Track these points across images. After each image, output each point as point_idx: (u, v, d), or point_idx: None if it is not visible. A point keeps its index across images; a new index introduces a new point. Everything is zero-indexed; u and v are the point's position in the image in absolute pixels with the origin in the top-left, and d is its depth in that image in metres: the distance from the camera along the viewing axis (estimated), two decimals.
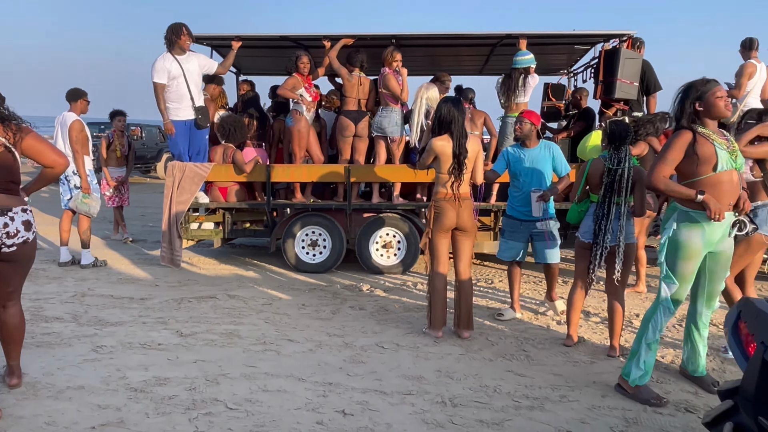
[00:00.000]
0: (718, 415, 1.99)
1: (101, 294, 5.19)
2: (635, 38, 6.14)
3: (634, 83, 6.01)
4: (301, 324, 4.50)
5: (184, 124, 6.18)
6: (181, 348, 3.94)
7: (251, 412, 3.06)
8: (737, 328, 1.86)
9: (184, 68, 6.04)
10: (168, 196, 6.16)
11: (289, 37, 6.67)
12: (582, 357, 3.92)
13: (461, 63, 8.48)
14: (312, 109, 6.26)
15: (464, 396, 3.29)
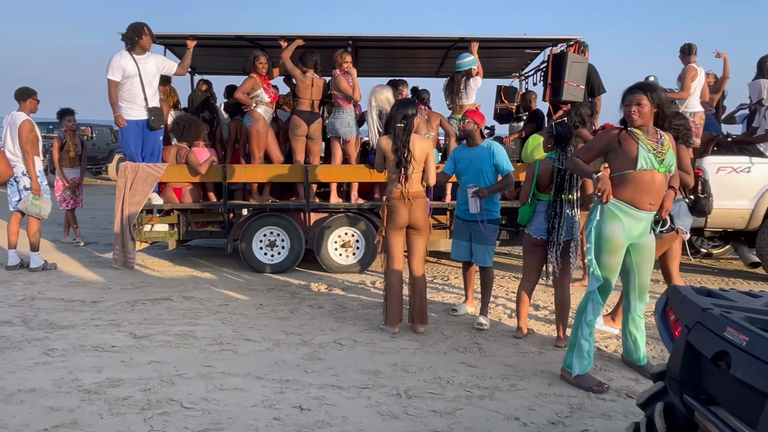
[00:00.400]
0: (649, 396, 2.14)
1: (51, 297, 5.07)
2: (581, 42, 6.39)
3: (581, 86, 6.26)
4: (259, 323, 4.51)
5: (136, 124, 6.09)
6: (135, 350, 3.90)
7: (207, 411, 3.07)
8: (665, 314, 2.01)
9: (140, 68, 5.96)
10: (120, 198, 6.06)
11: (246, 36, 6.65)
12: (531, 348, 4.08)
13: (417, 65, 8.63)
14: (271, 109, 6.27)
15: (419, 388, 3.39)
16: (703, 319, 1.73)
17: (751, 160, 6.21)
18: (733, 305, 1.78)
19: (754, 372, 1.47)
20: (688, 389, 1.77)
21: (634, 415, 3.08)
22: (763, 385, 1.43)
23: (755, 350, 1.49)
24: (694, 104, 6.26)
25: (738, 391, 1.57)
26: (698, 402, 1.72)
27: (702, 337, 1.70)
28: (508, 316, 4.78)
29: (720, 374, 1.66)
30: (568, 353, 3.48)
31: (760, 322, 1.64)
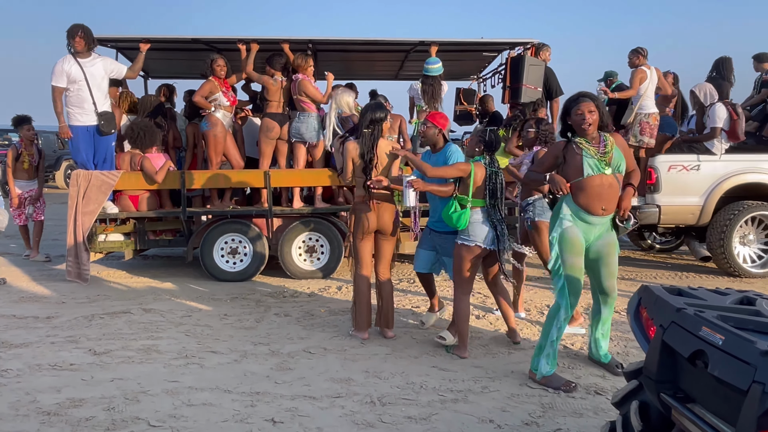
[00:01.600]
0: (625, 395, 2.18)
1: (1, 315, 4.82)
2: (538, 45, 6.52)
3: (538, 88, 6.39)
4: (224, 335, 4.41)
5: (86, 130, 5.87)
6: (95, 367, 3.75)
7: (176, 428, 2.98)
8: (638, 313, 2.06)
9: (86, 72, 5.75)
10: (72, 207, 5.82)
11: (202, 39, 6.51)
12: (500, 349, 4.12)
13: (377, 68, 8.64)
14: (230, 113, 6.16)
15: (392, 394, 3.37)
16: (677, 319, 1.78)
17: (699, 158, 6.47)
18: (705, 304, 1.84)
19: (731, 370, 1.51)
20: (665, 388, 1.82)
21: (604, 412, 3.16)
22: (741, 382, 1.47)
23: (731, 348, 1.54)
24: (649, 105, 6.46)
25: (715, 389, 1.62)
26: (675, 400, 1.76)
27: (678, 337, 1.75)
28: (476, 318, 4.82)
29: (697, 373, 1.70)
30: (536, 356, 3.52)
31: (732, 320, 1.69)
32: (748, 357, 1.48)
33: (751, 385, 1.44)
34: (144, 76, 7.85)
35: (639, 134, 6.47)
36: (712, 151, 6.48)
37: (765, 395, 1.40)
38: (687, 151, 6.63)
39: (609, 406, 3.23)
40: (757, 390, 1.42)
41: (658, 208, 6.44)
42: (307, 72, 6.05)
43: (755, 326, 1.69)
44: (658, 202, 6.45)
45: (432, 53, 6.39)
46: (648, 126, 6.48)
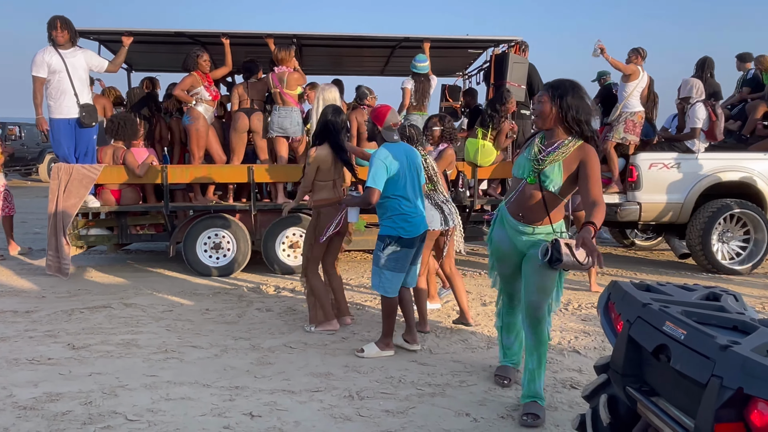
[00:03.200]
0: (594, 388, 2.22)
1: None
2: (521, 43, 6.55)
3: (522, 86, 6.42)
4: (205, 329, 4.40)
5: (67, 123, 5.81)
6: (73, 361, 3.73)
7: (153, 422, 2.97)
8: (607, 308, 2.09)
9: (67, 63, 5.69)
10: (53, 201, 5.77)
11: (185, 33, 6.46)
12: (479, 343, 4.16)
13: (363, 64, 8.62)
14: (212, 108, 6.13)
15: (371, 388, 3.39)
16: (643, 314, 1.81)
17: (679, 156, 6.55)
18: (671, 300, 1.87)
19: (692, 364, 1.55)
20: (630, 381, 1.85)
21: (579, 406, 3.20)
22: (701, 376, 1.50)
23: (692, 343, 1.57)
24: (635, 104, 6.52)
25: (678, 383, 1.65)
26: (640, 393, 1.80)
27: (643, 331, 1.78)
28: (456, 313, 4.85)
29: (660, 366, 1.74)
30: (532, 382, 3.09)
31: (696, 315, 1.73)
32: (707, 351, 1.52)
33: (710, 379, 1.47)
34: (127, 69, 7.77)
35: (623, 131, 6.53)
36: (692, 150, 6.57)
37: (723, 389, 1.43)
38: (668, 150, 6.70)
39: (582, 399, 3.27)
40: (715, 384, 1.45)
41: (638, 206, 6.52)
42: (290, 65, 6.04)
43: (718, 321, 1.72)
44: (638, 199, 6.53)
45: (425, 50, 6.42)
46: (632, 123, 6.54)
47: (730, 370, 1.43)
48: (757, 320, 1.74)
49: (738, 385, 1.40)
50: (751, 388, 1.39)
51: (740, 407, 1.43)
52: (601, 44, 6.32)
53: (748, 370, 1.40)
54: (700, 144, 6.56)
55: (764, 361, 1.41)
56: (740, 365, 1.42)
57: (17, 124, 15.66)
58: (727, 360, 1.45)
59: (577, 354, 3.99)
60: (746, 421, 1.43)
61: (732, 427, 1.43)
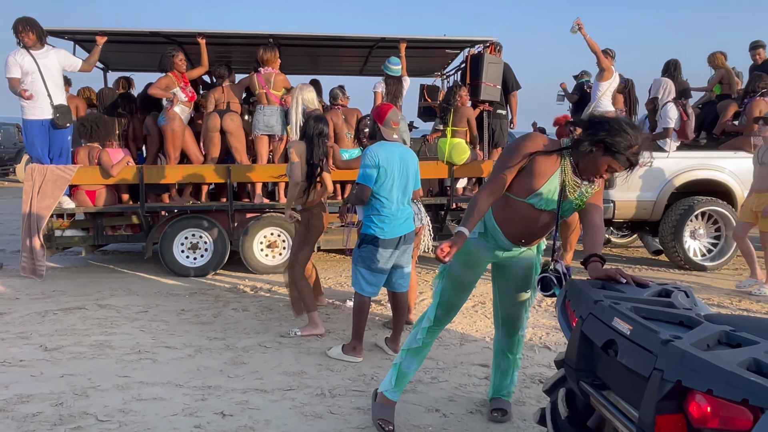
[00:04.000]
0: (553, 383, 2.28)
1: None
2: (496, 43, 6.62)
3: (497, 86, 6.49)
4: (180, 330, 4.40)
5: (41, 124, 5.77)
6: (45, 363, 3.72)
7: (124, 423, 2.98)
8: (564, 306, 2.15)
9: (39, 63, 5.65)
10: (27, 202, 5.73)
11: (161, 32, 6.43)
12: (452, 340, 4.21)
13: (341, 64, 8.64)
14: (188, 108, 6.12)
15: (343, 386, 3.43)
16: (594, 311, 1.87)
17: (652, 155, 6.66)
18: (622, 296, 1.93)
19: (637, 358, 1.60)
20: (583, 376, 1.91)
21: (546, 400, 3.25)
22: (644, 369, 1.56)
23: (637, 338, 1.63)
24: (606, 104, 6.63)
25: (625, 377, 1.71)
26: (592, 387, 1.85)
27: (594, 327, 1.83)
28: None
29: (610, 361, 1.79)
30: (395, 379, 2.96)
31: (645, 311, 1.79)
32: (650, 346, 1.57)
33: (652, 372, 1.53)
34: (103, 68, 7.72)
35: None
36: (663, 149, 6.69)
37: (663, 382, 1.49)
38: None
39: None
40: (657, 377, 1.51)
41: (612, 204, 6.63)
42: (275, 66, 6.05)
43: (665, 317, 1.78)
44: (612, 197, 6.63)
45: (401, 50, 6.46)
46: None
47: (670, 363, 1.49)
48: (703, 316, 1.81)
49: (677, 378, 1.46)
50: (689, 380, 1.45)
51: (680, 399, 1.49)
52: (580, 22, 6.38)
53: (687, 364, 1.46)
54: (672, 143, 6.69)
55: (702, 355, 1.46)
56: (679, 359, 1.47)
57: None
58: (668, 354, 1.51)
59: (547, 350, 4.06)
60: (685, 412, 1.49)
61: (672, 418, 1.49)
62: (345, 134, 6.16)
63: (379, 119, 3.83)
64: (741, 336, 1.61)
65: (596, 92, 6.83)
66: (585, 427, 2.15)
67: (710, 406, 1.41)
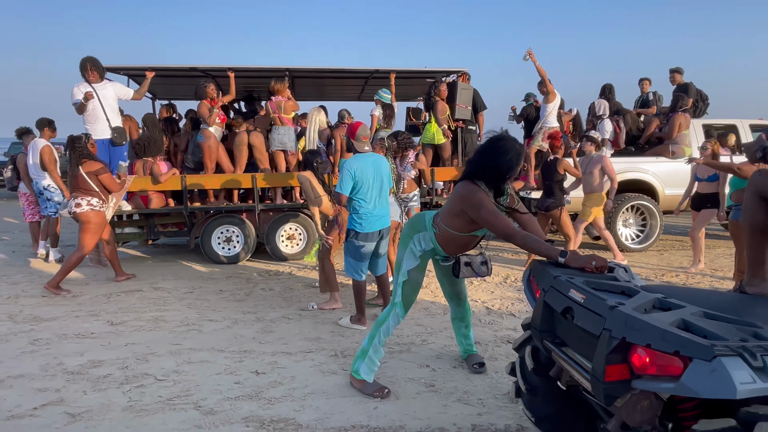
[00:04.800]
0: (521, 341, 2.30)
1: (34, 295, 4.68)
2: (466, 73, 6.63)
3: (468, 107, 6.50)
4: (220, 306, 4.39)
5: (102, 143, 5.71)
6: (112, 335, 3.69)
7: (178, 381, 2.97)
8: (529, 281, 2.16)
9: (99, 94, 5.59)
10: None
11: (198, 68, 6.38)
12: (437, 311, 4.22)
13: (344, 91, 8.61)
14: (221, 128, 6.08)
15: (353, 348, 3.43)
16: (554, 284, 1.88)
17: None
18: (576, 273, 1.95)
19: (589, 320, 1.62)
20: (546, 336, 1.92)
21: (515, 356, 3.28)
22: (595, 329, 1.58)
23: (589, 304, 1.65)
24: (552, 121, 6.65)
25: (580, 336, 1.73)
26: (553, 345, 1.87)
27: (554, 297, 1.85)
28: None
29: (567, 324, 1.81)
30: (358, 359, 2.84)
31: (594, 284, 1.81)
32: (600, 311, 1.59)
33: (602, 332, 1.55)
34: (151, 97, 7.65)
35: (541, 140, 6.66)
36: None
37: (611, 339, 1.51)
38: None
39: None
40: (606, 335, 1.53)
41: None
42: (284, 94, 6.03)
43: (610, 288, 1.80)
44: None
45: (391, 79, 6.45)
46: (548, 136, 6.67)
47: (616, 324, 1.51)
48: (639, 287, 1.83)
49: (622, 335, 1.48)
50: (632, 337, 1.47)
51: (624, 352, 1.51)
52: (531, 51, 6.37)
53: (630, 324, 1.48)
54: (607, 151, 6.72)
55: (641, 317, 1.48)
56: (624, 320, 1.49)
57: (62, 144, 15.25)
58: (614, 317, 1.53)
59: (512, 317, 4.08)
60: (629, 362, 1.51)
61: (619, 368, 1.51)
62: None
63: (352, 135, 3.75)
64: (671, 302, 1.63)
65: (544, 112, 6.85)
66: (547, 376, 2.17)
67: (649, 357, 1.43)
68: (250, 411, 2.63)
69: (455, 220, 2.52)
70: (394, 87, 6.49)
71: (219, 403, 2.70)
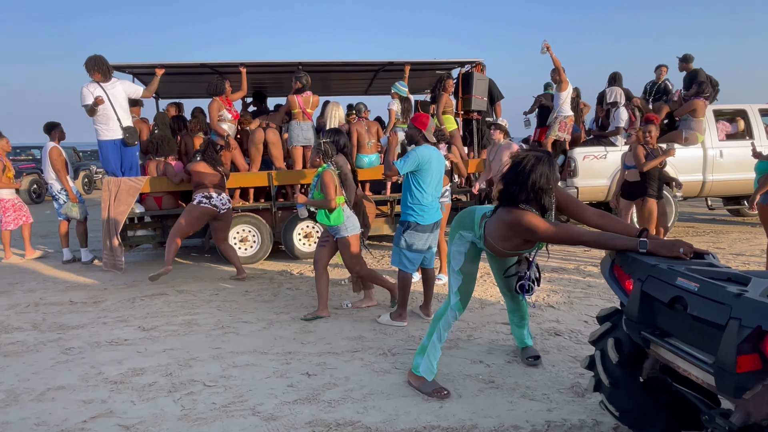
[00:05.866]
0: (601, 334, 2.23)
1: (54, 302, 4.51)
2: (481, 63, 6.54)
3: (484, 98, 6.41)
4: (250, 307, 4.26)
5: (113, 143, 5.53)
6: (147, 341, 3.56)
7: (228, 386, 2.86)
8: (613, 271, 2.09)
9: (108, 93, 5.40)
10: (105, 209, 5.49)
11: (208, 64, 6.20)
12: (474, 305, 4.14)
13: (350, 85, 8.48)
14: (234, 125, 5.92)
15: (399, 346, 3.34)
16: (654, 273, 1.81)
17: (606, 149, 6.68)
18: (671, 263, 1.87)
19: (709, 309, 1.55)
20: (644, 327, 1.85)
21: (566, 349, 3.22)
22: (719, 318, 1.51)
23: (706, 293, 1.58)
24: (566, 110, 6.61)
25: (691, 325, 1.66)
26: (654, 336, 1.80)
27: (656, 287, 1.78)
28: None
29: (673, 314, 1.74)
30: (418, 354, 2.77)
31: (696, 271, 1.73)
32: (722, 299, 1.52)
33: (729, 321, 1.48)
34: (156, 96, 7.45)
35: (558, 130, 6.61)
36: (615, 144, 6.70)
37: (742, 327, 1.44)
38: (596, 144, 6.83)
39: (567, 344, 3.31)
40: (734, 324, 1.46)
41: (576, 189, 6.63)
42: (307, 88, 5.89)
43: (713, 275, 1.74)
44: (576, 184, 6.63)
45: (406, 72, 6.34)
46: (565, 125, 6.63)
47: (747, 312, 1.44)
48: (740, 272, 1.77)
49: (756, 323, 1.41)
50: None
51: (756, 341, 1.44)
52: (547, 44, 6.30)
53: (764, 312, 1.41)
54: (621, 139, 6.70)
55: None
56: (757, 308, 1.42)
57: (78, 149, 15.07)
58: (744, 305, 1.46)
59: (552, 308, 4.02)
60: (762, 351, 1.44)
61: (751, 357, 1.44)
62: (366, 142, 6.03)
63: (423, 126, 3.64)
64: None
65: (558, 101, 6.79)
66: (630, 368, 2.11)
67: None
68: (312, 415, 2.53)
69: (506, 243, 2.43)
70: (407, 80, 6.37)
71: (278, 408, 2.60)
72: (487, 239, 2.51)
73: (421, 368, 2.74)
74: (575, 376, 2.87)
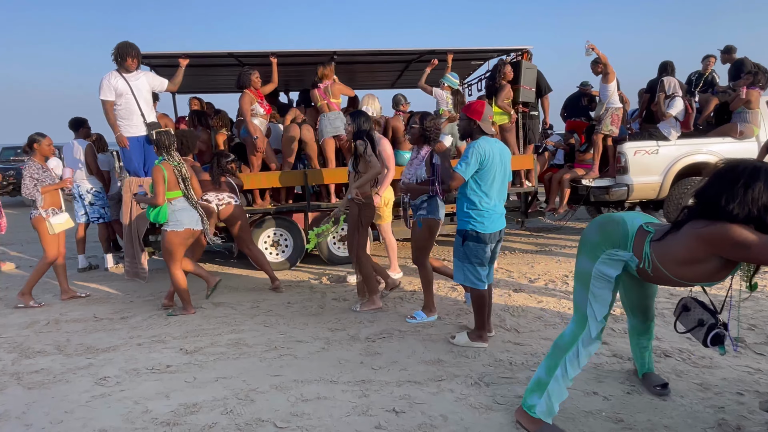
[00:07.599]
0: None
1: (76, 318, 4.02)
2: (529, 51, 6.07)
3: (532, 88, 5.95)
4: (299, 323, 3.79)
5: (137, 140, 5.03)
6: (194, 367, 3.08)
7: (304, 428, 2.39)
8: None
9: (131, 85, 4.90)
10: (127, 212, 4.99)
11: (235, 54, 5.70)
12: (554, 320, 3.68)
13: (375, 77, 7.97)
14: (266, 121, 5.43)
15: (489, 374, 2.88)
16: None
17: (658, 144, 6.23)
18: None
19: None
20: None
21: (684, 374, 2.77)
22: None
23: None
24: (616, 101, 6.16)
25: None
26: None
27: None
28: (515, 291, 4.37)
29: None
30: (533, 392, 2.31)
31: None
32: None
33: None
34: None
35: (609, 124, 6.16)
36: (667, 138, 6.26)
37: None
38: (648, 138, 6.38)
39: (684, 367, 2.85)
40: None
41: (627, 187, 6.20)
42: (331, 78, 5.42)
43: None
44: (626, 181, 6.19)
45: (448, 62, 5.88)
46: (617, 117, 6.18)
47: None
48: None
49: None
50: None
51: None
52: (591, 44, 5.88)
53: None
54: (674, 132, 6.25)
55: None
56: None
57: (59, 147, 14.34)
58: None
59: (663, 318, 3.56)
60: None
61: None
62: (405, 137, 5.56)
63: (478, 116, 3.10)
64: None
65: (605, 93, 6.32)
66: None
67: None
68: None
69: (693, 268, 1.94)
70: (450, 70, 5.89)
71: None
72: (658, 263, 2.02)
73: (538, 409, 2.27)
74: (714, 410, 2.42)
